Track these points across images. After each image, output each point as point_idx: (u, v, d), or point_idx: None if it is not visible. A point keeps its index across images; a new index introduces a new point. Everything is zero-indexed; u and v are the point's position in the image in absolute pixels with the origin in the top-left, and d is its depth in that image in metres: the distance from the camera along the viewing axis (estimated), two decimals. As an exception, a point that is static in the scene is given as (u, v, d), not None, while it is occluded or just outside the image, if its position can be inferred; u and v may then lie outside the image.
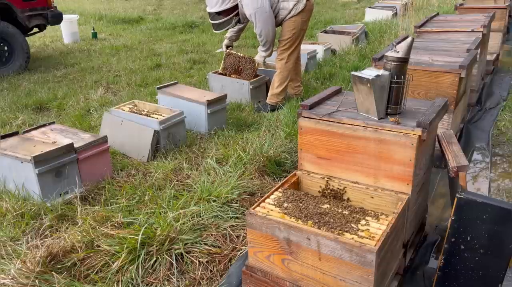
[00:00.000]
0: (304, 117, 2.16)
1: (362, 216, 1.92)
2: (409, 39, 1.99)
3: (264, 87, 4.75)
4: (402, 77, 1.98)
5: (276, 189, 2.13)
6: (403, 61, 1.97)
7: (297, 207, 1.98)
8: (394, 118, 1.98)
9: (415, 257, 2.37)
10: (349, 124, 2.04)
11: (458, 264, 1.91)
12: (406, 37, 2.03)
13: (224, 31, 4.54)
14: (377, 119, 1.99)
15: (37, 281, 2.07)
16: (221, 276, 2.26)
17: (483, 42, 4.12)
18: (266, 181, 3.08)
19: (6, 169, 2.93)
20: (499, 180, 3.23)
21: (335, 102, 2.25)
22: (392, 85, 1.97)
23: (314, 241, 1.76)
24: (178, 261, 2.30)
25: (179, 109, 3.73)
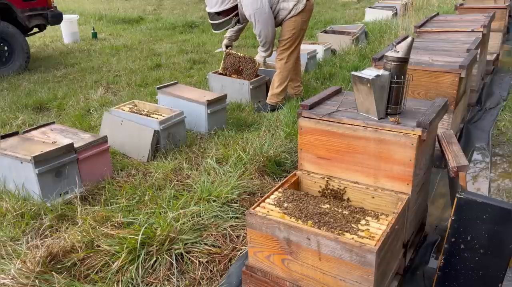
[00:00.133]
0: (304, 117, 2.16)
1: (362, 216, 1.92)
2: (409, 39, 1.99)
3: (264, 87, 4.75)
4: (402, 77, 1.98)
5: (276, 189, 2.13)
6: (403, 61, 1.97)
7: (297, 207, 1.98)
8: (394, 118, 1.98)
9: (415, 257, 2.37)
10: (349, 124, 2.04)
11: (458, 264, 1.91)
12: (406, 37, 2.03)
13: (223, 31, 4.54)
14: (377, 119, 1.99)
15: (37, 281, 2.07)
16: (221, 276, 2.26)
17: (483, 42, 4.12)
18: (266, 181, 3.08)
19: (6, 169, 2.93)
20: (499, 180, 3.23)
21: (335, 102, 2.25)
22: (392, 85, 1.98)
23: (314, 241, 1.76)
24: (178, 261, 2.30)
25: (179, 109, 3.73)
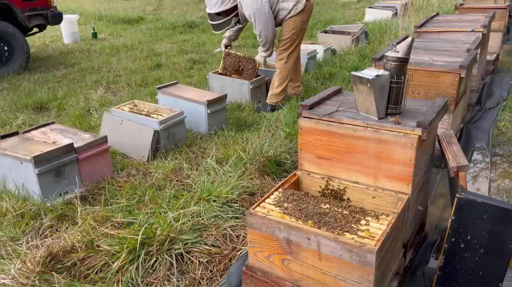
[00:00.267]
0: (304, 117, 2.16)
1: (362, 216, 1.92)
2: (409, 39, 1.99)
3: (264, 87, 4.75)
4: (402, 77, 1.98)
5: (276, 189, 2.13)
6: (403, 61, 1.97)
7: (297, 207, 1.98)
8: (394, 118, 1.98)
9: (415, 257, 2.37)
10: (349, 124, 2.04)
11: (458, 264, 1.91)
12: (406, 37, 2.03)
13: (223, 31, 4.54)
14: (377, 119, 1.99)
15: (37, 281, 2.07)
16: (221, 276, 2.26)
17: (483, 42, 4.12)
18: (266, 181, 3.08)
19: (6, 169, 2.93)
20: (499, 180, 3.23)
21: (335, 102, 2.25)
22: (392, 85, 1.97)
23: (314, 241, 1.76)
24: (178, 261, 2.30)
25: (179, 109, 3.73)
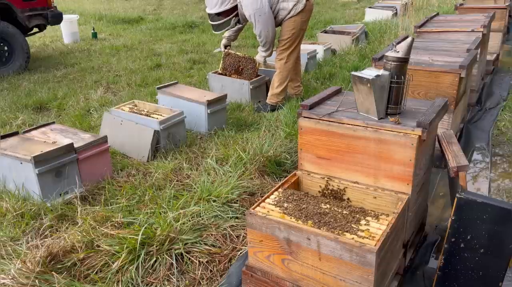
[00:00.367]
0: (304, 117, 2.16)
1: (362, 216, 1.92)
2: (409, 39, 1.99)
3: (264, 87, 4.75)
4: (402, 77, 1.98)
5: (276, 189, 2.13)
6: (403, 61, 1.97)
7: (297, 207, 1.98)
8: (394, 118, 1.98)
9: (415, 257, 2.37)
10: (349, 124, 2.04)
11: (458, 264, 1.91)
12: (406, 37, 2.03)
13: (223, 31, 4.54)
14: (377, 119, 1.99)
15: (37, 281, 2.07)
16: (221, 276, 2.26)
17: (483, 42, 4.12)
18: (266, 181, 3.08)
19: (6, 169, 2.93)
20: (499, 180, 3.23)
21: (335, 102, 2.25)
22: (392, 85, 1.97)
23: (314, 241, 1.76)
24: (178, 261, 2.30)
25: (179, 109, 3.73)
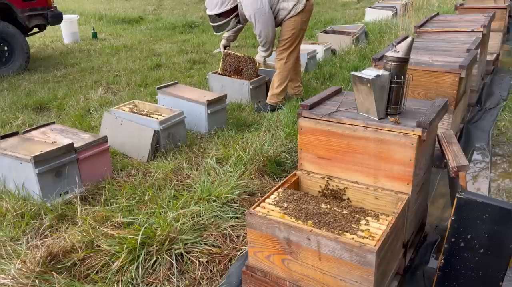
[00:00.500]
0: (304, 117, 2.16)
1: (362, 216, 1.92)
2: (409, 39, 1.99)
3: (264, 87, 4.75)
4: (402, 77, 1.98)
5: (276, 189, 2.13)
6: (403, 61, 1.97)
7: (297, 207, 1.98)
8: (394, 118, 1.98)
9: (415, 257, 2.37)
10: (349, 124, 2.04)
11: (458, 264, 1.91)
12: (406, 37, 2.03)
13: (224, 32, 4.55)
14: (377, 119, 1.99)
15: (37, 281, 2.07)
16: (221, 276, 2.26)
17: (483, 42, 4.12)
18: (266, 181, 3.08)
19: (6, 169, 2.93)
20: (499, 180, 3.23)
21: (335, 102, 2.25)
22: (392, 85, 1.97)
23: (314, 241, 1.76)
24: (178, 261, 2.30)
25: (179, 109, 3.73)
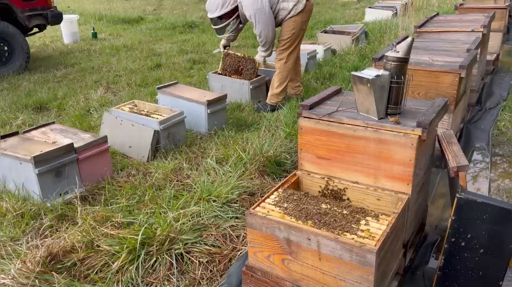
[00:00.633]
0: (304, 117, 2.16)
1: (362, 216, 1.92)
2: (409, 39, 1.99)
3: (264, 87, 4.75)
4: (402, 77, 1.98)
5: (276, 189, 2.13)
6: (403, 61, 1.97)
7: (297, 207, 1.98)
8: (394, 118, 1.98)
9: (415, 257, 2.37)
10: (349, 124, 2.04)
11: (458, 264, 1.91)
12: (406, 37, 2.03)
13: (226, 34, 4.56)
14: (377, 119, 1.99)
15: (37, 281, 2.07)
16: (221, 276, 2.26)
17: (483, 42, 4.12)
18: (266, 181, 3.08)
19: (6, 169, 2.93)
20: (499, 180, 3.23)
21: (335, 102, 2.25)
22: (392, 85, 1.97)
23: (314, 241, 1.76)
24: (178, 261, 2.30)
25: (179, 109, 3.73)
